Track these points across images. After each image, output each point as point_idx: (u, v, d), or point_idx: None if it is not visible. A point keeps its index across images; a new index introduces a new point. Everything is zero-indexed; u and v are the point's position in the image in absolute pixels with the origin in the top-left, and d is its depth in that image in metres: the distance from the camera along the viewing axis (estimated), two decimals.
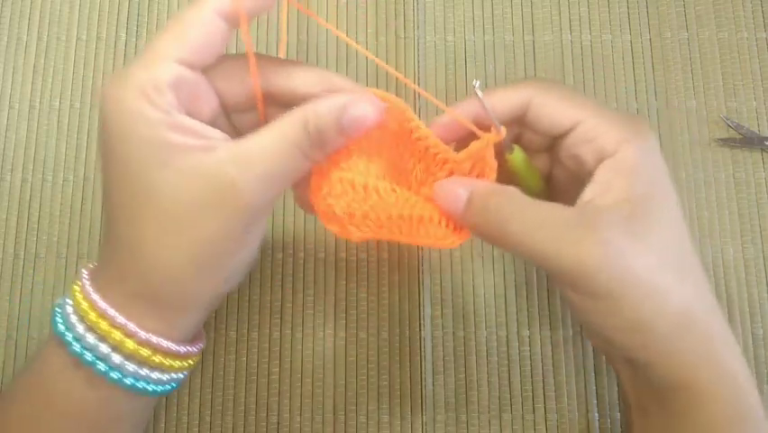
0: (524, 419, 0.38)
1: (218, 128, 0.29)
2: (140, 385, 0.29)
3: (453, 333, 0.39)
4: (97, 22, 0.43)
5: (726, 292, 0.39)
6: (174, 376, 0.30)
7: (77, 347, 0.28)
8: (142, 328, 0.28)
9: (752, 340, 0.38)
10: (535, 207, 0.28)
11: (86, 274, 0.30)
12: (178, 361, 0.30)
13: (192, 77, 0.28)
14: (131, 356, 0.28)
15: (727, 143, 0.40)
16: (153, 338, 0.28)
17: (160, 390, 0.30)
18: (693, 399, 0.28)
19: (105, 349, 0.28)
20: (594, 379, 0.38)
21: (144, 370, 0.29)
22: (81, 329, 0.28)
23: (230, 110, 0.31)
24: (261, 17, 0.43)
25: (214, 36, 0.27)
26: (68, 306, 0.29)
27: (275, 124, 0.28)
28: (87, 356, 0.28)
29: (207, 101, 0.29)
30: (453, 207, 0.30)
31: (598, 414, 0.38)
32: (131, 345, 0.28)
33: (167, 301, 0.29)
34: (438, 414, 0.38)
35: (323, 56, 0.42)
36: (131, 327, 0.28)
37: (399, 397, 0.38)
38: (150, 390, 0.29)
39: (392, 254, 0.40)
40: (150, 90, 0.26)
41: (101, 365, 0.28)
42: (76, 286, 0.30)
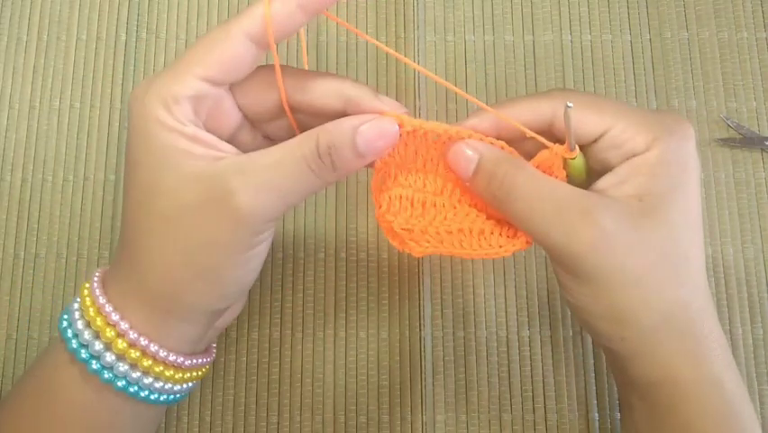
0: (524, 419, 0.38)
1: (240, 142, 0.30)
2: (132, 389, 0.29)
3: (453, 333, 0.39)
4: (97, 22, 0.43)
5: (727, 292, 0.39)
6: (168, 387, 0.30)
7: (74, 343, 0.29)
8: (135, 330, 0.28)
9: (752, 340, 0.38)
10: (540, 181, 0.29)
11: (98, 272, 0.30)
12: (170, 370, 0.29)
13: (214, 93, 0.28)
14: (121, 357, 0.28)
15: (727, 143, 0.40)
16: (143, 340, 0.28)
17: (153, 398, 0.29)
18: (674, 397, 0.28)
19: (99, 346, 0.28)
20: (594, 379, 0.38)
21: (136, 373, 0.29)
22: (80, 325, 0.29)
23: (255, 122, 0.31)
24: None
25: (242, 58, 0.28)
26: (75, 303, 0.30)
27: (287, 141, 0.28)
28: (82, 353, 0.28)
29: (228, 116, 0.30)
30: (463, 169, 0.30)
31: (598, 414, 0.38)
32: (121, 344, 0.28)
33: (162, 306, 0.29)
34: (438, 414, 0.38)
35: (323, 55, 0.42)
36: (123, 325, 0.28)
37: (399, 397, 0.38)
38: (143, 395, 0.29)
39: (392, 255, 0.40)
40: (170, 100, 0.27)
41: (94, 363, 0.28)
42: (87, 283, 0.30)
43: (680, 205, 0.29)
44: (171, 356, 0.29)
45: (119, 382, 0.28)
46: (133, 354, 0.28)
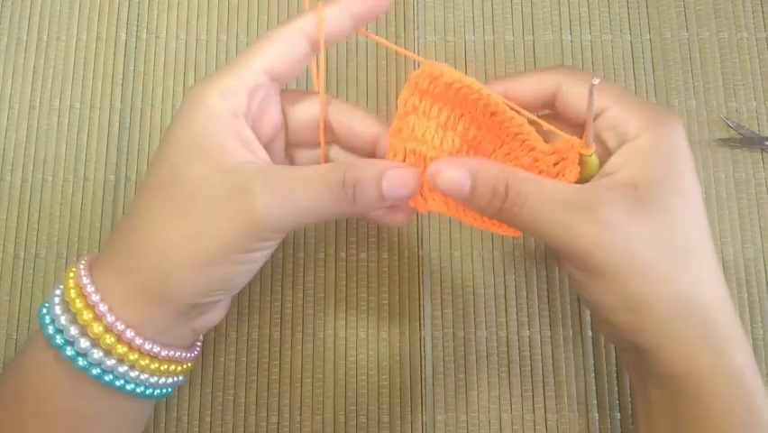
0: (524, 418, 0.38)
1: (273, 150, 0.32)
2: (107, 378, 0.28)
3: (453, 333, 0.39)
4: (97, 22, 0.43)
5: None
6: (144, 377, 0.29)
7: (50, 329, 0.29)
8: (113, 313, 0.28)
9: (752, 340, 0.38)
10: (539, 185, 0.29)
11: (87, 257, 0.31)
12: (145, 359, 0.29)
13: (269, 86, 0.31)
14: (96, 343, 0.28)
15: (727, 143, 0.40)
16: (119, 325, 0.28)
17: (130, 388, 0.29)
18: (694, 389, 0.28)
19: (74, 331, 0.28)
20: (594, 379, 0.38)
21: (111, 361, 0.28)
22: (58, 310, 0.29)
23: (291, 140, 0.33)
24: None
25: (296, 54, 0.30)
26: (58, 289, 0.30)
27: (317, 165, 0.30)
28: (57, 339, 0.28)
29: (272, 116, 0.32)
30: (458, 192, 0.29)
31: (598, 414, 0.38)
32: (97, 328, 0.28)
33: (147, 291, 0.28)
34: (438, 414, 0.38)
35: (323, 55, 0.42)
36: (101, 307, 0.28)
37: (399, 397, 0.38)
38: (118, 385, 0.29)
39: (392, 254, 0.40)
40: (227, 90, 0.29)
41: (68, 349, 0.28)
42: (74, 267, 0.30)
43: (677, 192, 0.29)
44: (147, 344, 0.29)
45: (93, 370, 0.28)
46: (108, 339, 0.28)
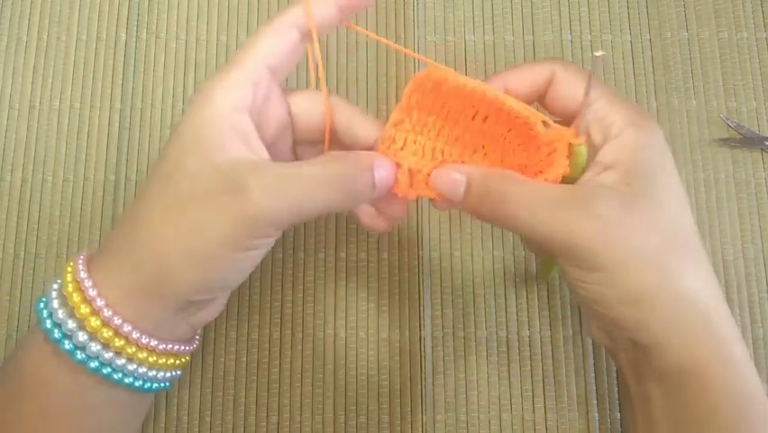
0: (524, 419, 0.38)
1: (280, 148, 0.33)
2: (105, 371, 0.29)
3: (453, 333, 0.39)
4: (97, 22, 0.43)
5: (726, 292, 0.39)
6: (142, 370, 0.29)
7: (47, 323, 0.29)
8: (111, 308, 0.28)
9: (752, 340, 0.38)
10: (532, 187, 0.29)
11: (86, 252, 0.31)
12: (143, 353, 0.29)
13: (270, 80, 0.31)
14: (94, 336, 0.28)
15: (727, 143, 0.40)
16: (117, 319, 0.28)
17: (128, 381, 0.29)
18: (699, 381, 0.28)
19: (72, 325, 0.28)
20: (594, 379, 0.38)
21: (108, 354, 0.28)
22: (56, 304, 0.29)
23: (298, 137, 0.34)
24: None
25: (289, 45, 0.31)
26: (56, 283, 0.30)
27: (310, 159, 0.30)
28: (55, 332, 0.28)
29: (276, 112, 0.32)
30: (453, 192, 0.30)
31: (598, 414, 0.38)
32: (94, 321, 0.28)
33: (145, 286, 0.29)
34: (438, 414, 0.38)
35: (323, 55, 0.42)
36: (99, 301, 0.28)
37: (399, 397, 0.38)
38: (117, 378, 0.29)
39: (392, 255, 0.40)
40: (229, 84, 0.29)
41: (66, 343, 0.28)
42: (71, 261, 0.30)
43: (667, 187, 0.29)
44: (144, 338, 0.29)
45: (91, 363, 0.28)
46: (106, 333, 0.28)
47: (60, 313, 0.28)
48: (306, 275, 0.39)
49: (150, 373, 0.30)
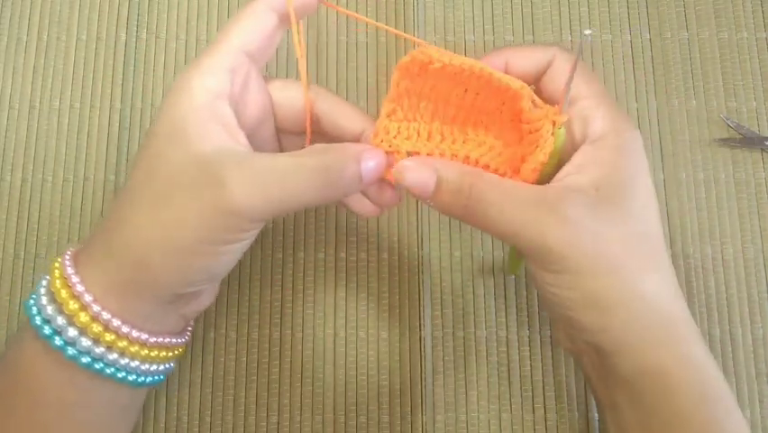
0: (523, 418, 0.38)
1: (262, 135, 0.32)
2: (97, 366, 0.29)
3: (453, 333, 0.39)
4: (97, 22, 0.43)
5: (727, 292, 0.39)
6: (134, 364, 0.29)
7: (37, 320, 0.29)
8: (99, 303, 0.28)
9: (752, 340, 0.38)
10: (503, 186, 0.29)
11: (72, 249, 0.31)
12: (135, 346, 0.29)
13: (249, 66, 0.31)
14: (84, 331, 0.28)
15: (727, 143, 0.40)
16: (105, 314, 0.28)
17: (121, 376, 0.29)
18: (663, 384, 0.28)
19: (62, 321, 0.28)
20: None
21: (99, 348, 0.28)
22: (45, 300, 0.29)
23: (279, 125, 0.33)
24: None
25: (267, 28, 0.31)
26: (44, 279, 0.30)
27: (293, 151, 0.29)
28: (45, 329, 0.28)
29: (256, 98, 0.31)
30: (423, 188, 0.30)
31: (598, 414, 0.37)
32: (84, 317, 0.28)
33: (131, 280, 0.29)
34: (438, 414, 0.38)
35: (323, 55, 0.42)
36: (87, 297, 0.28)
37: (399, 397, 0.38)
38: (109, 372, 0.29)
39: (392, 255, 0.40)
40: (206, 71, 0.29)
41: (57, 339, 0.28)
42: (59, 258, 0.30)
43: (638, 194, 0.29)
44: (134, 332, 0.29)
45: (83, 359, 0.28)
46: (96, 328, 0.28)
47: (50, 309, 0.28)
48: (306, 275, 0.39)
49: (143, 367, 0.30)
